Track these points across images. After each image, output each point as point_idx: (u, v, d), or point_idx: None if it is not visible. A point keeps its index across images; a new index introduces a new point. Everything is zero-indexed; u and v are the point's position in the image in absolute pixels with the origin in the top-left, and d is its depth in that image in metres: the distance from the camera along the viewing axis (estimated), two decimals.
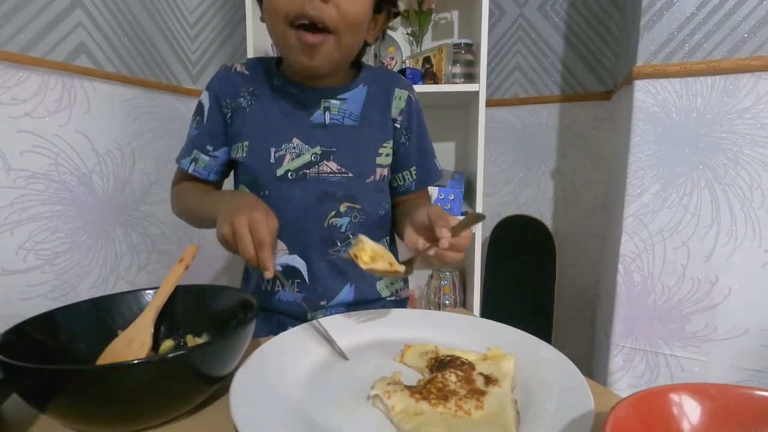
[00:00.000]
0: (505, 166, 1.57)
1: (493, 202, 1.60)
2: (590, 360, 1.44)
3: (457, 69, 1.33)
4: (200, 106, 0.68)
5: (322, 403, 0.37)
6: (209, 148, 0.67)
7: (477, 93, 1.25)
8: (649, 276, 1.03)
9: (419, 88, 1.29)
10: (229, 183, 0.74)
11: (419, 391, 0.36)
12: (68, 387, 0.31)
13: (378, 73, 0.70)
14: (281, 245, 0.67)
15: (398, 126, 0.69)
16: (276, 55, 0.69)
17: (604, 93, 1.40)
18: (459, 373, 0.39)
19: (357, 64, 0.70)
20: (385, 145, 0.68)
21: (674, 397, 0.27)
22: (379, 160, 0.68)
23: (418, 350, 0.45)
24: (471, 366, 0.40)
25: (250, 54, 1.31)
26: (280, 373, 0.40)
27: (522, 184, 1.56)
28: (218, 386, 0.39)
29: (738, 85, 0.90)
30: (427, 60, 1.37)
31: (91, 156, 1.05)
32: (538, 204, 1.55)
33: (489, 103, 1.52)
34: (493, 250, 1.53)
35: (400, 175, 0.73)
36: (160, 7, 1.24)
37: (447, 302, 1.52)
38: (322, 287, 0.67)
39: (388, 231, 0.75)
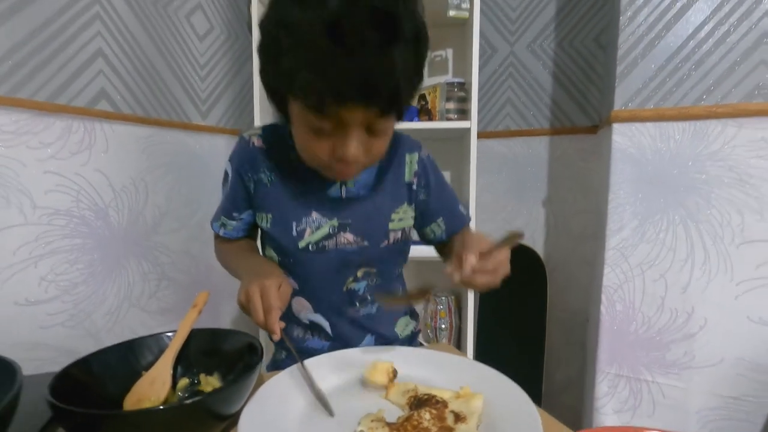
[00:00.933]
0: (498, 194, 1.64)
1: (488, 228, 1.67)
2: (582, 382, 1.49)
3: (451, 105, 1.41)
4: (225, 175, 0.74)
5: None
6: (235, 214, 0.73)
7: (468, 129, 1.33)
8: (631, 306, 1.08)
9: (415, 124, 1.37)
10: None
11: (397, 428, 0.43)
12: (104, 427, 0.38)
13: None
14: (307, 304, 0.73)
15: (414, 187, 0.73)
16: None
17: (590, 127, 1.47)
18: (433, 411, 0.45)
19: None
20: (397, 210, 0.73)
21: None
22: (391, 225, 0.72)
23: (401, 388, 0.51)
24: (444, 404, 0.47)
25: (257, 89, 1.40)
26: (281, 409, 0.47)
27: (515, 212, 1.63)
28: (228, 422, 0.45)
29: (707, 130, 0.97)
30: (422, 97, 1.45)
31: (108, 192, 1.13)
32: (531, 231, 1.61)
33: (483, 135, 1.60)
34: None
35: (428, 228, 0.78)
36: (173, 51, 1.33)
37: (443, 326, 1.58)
38: (345, 339, 0.73)
39: (403, 284, 0.82)
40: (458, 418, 0.45)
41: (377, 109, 0.52)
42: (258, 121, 1.43)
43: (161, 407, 0.39)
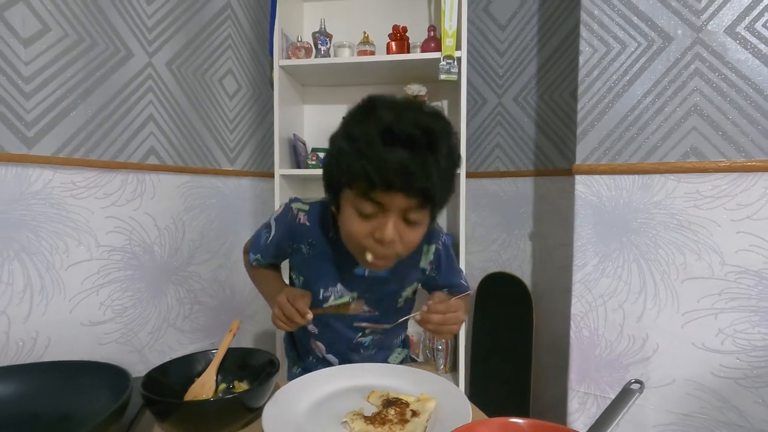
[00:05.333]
0: (489, 228, 1.83)
1: (480, 259, 1.85)
2: (567, 401, 1.63)
3: None
4: (269, 228, 0.86)
5: (315, 425, 0.62)
6: (271, 261, 0.92)
7: (458, 174, 1.53)
8: (595, 332, 1.25)
9: None
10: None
11: (371, 419, 0.61)
12: (178, 411, 0.58)
13: None
14: (322, 347, 0.92)
15: (427, 272, 0.88)
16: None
17: (568, 170, 1.65)
18: (397, 409, 0.64)
19: None
20: (408, 288, 0.88)
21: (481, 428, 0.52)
22: (400, 300, 0.87)
23: (378, 394, 0.70)
24: (406, 404, 0.65)
25: (276, 137, 1.64)
26: (292, 406, 0.66)
27: (505, 244, 1.81)
28: (255, 414, 0.65)
29: (652, 183, 1.15)
30: None
31: (153, 230, 1.37)
32: (519, 261, 1.79)
33: (475, 175, 1.80)
34: (480, 301, 1.76)
35: (433, 293, 0.88)
36: (208, 110, 1.58)
37: (439, 347, 1.75)
38: None
39: (402, 337, 1.00)
40: (414, 413, 0.63)
41: (413, 200, 0.63)
42: (277, 164, 1.67)
43: (212, 399, 0.58)
